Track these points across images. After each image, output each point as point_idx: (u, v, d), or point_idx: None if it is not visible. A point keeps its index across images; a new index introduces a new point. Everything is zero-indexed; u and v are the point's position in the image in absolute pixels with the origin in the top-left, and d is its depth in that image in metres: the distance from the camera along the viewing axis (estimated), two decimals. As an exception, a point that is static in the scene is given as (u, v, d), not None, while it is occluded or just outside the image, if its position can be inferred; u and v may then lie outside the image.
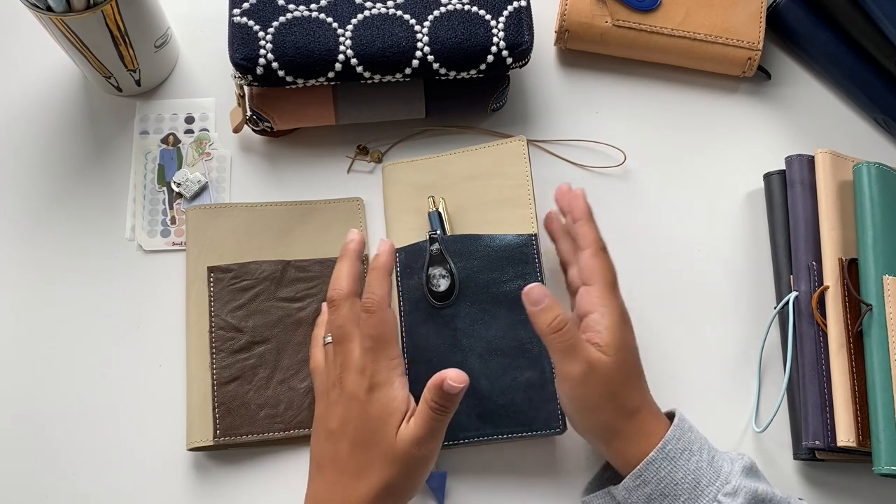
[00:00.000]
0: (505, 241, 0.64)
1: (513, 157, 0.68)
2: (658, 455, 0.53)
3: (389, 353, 0.54)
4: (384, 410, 0.53)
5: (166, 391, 0.65)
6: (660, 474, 0.53)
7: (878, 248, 0.63)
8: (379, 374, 0.53)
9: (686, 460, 0.53)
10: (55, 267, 0.68)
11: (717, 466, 0.54)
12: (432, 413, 0.52)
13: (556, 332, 0.54)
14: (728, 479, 0.53)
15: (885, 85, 0.73)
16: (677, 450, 0.54)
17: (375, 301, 0.55)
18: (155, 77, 0.73)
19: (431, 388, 0.52)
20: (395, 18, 0.66)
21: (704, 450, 0.54)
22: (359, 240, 0.59)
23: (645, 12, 0.73)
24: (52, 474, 0.63)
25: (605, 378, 0.54)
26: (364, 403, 0.53)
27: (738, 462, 0.55)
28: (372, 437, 0.53)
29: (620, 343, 0.55)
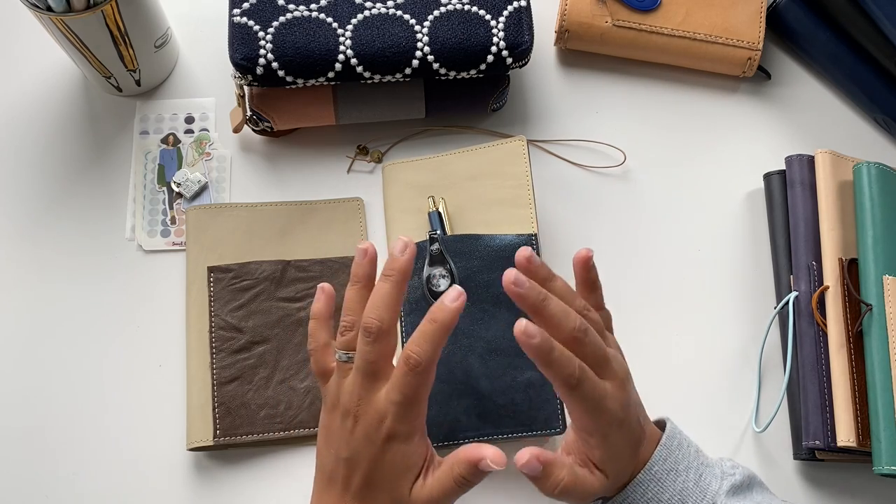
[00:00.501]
0: (505, 241, 0.64)
1: (513, 157, 0.68)
2: (644, 476, 0.52)
3: (418, 412, 0.48)
4: (400, 464, 0.49)
5: (166, 391, 0.65)
6: (646, 496, 0.52)
7: (878, 248, 0.63)
8: (400, 429, 0.48)
9: (672, 481, 0.52)
10: (55, 267, 0.68)
11: (703, 486, 0.52)
12: (455, 486, 0.48)
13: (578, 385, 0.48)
14: (714, 499, 0.52)
15: (885, 85, 0.73)
16: (664, 470, 0.52)
17: (424, 362, 0.47)
18: (155, 77, 0.73)
19: (463, 462, 0.48)
20: (395, 18, 0.66)
21: (692, 469, 0.53)
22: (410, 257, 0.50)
23: (645, 12, 0.73)
24: (52, 474, 0.63)
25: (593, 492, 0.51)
26: (380, 450, 0.49)
27: (727, 479, 0.53)
28: (384, 483, 0.49)
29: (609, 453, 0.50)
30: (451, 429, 0.61)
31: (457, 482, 0.48)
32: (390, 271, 0.50)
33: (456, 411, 0.61)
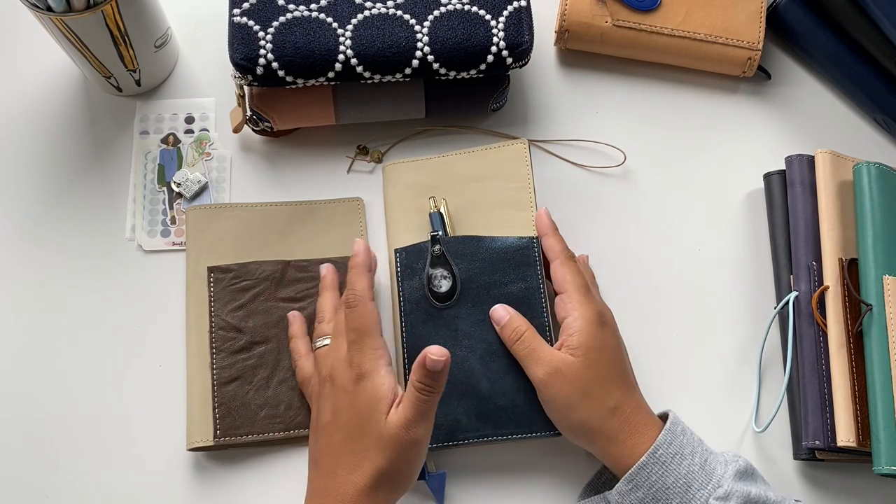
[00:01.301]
0: (507, 243, 0.64)
1: (514, 160, 0.68)
2: (649, 460, 0.54)
3: (373, 343, 0.56)
4: (372, 398, 0.54)
5: (166, 391, 0.65)
6: (651, 479, 0.54)
7: (878, 248, 0.63)
8: (364, 364, 0.55)
9: (678, 464, 0.54)
10: (55, 267, 0.68)
11: (709, 469, 0.54)
12: (419, 394, 0.53)
13: (517, 342, 0.59)
14: (720, 482, 0.53)
15: (885, 85, 0.73)
16: (668, 454, 0.54)
17: (357, 295, 0.57)
18: (155, 77, 0.73)
19: (416, 369, 0.53)
20: (395, 18, 0.66)
21: (697, 453, 0.55)
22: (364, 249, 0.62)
23: (645, 12, 0.73)
24: (52, 474, 0.63)
25: (573, 377, 0.57)
26: (352, 394, 0.55)
27: (731, 465, 0.55)
28: (363, 426, 0.54)
29: (590, 343, 0.57)
30: (451, 430, 0.61)
31: (418, 389, 0.53)
32: (353, 265, 0.60)
33: (456, 412, 0.61)
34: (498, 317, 0.61)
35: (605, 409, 0.56)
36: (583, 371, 0.57)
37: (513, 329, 0.60)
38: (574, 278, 0.60)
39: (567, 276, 0.60)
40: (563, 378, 0.57)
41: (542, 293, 0.63)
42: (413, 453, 0.54)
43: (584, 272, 0.62)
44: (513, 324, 0.60)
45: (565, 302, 0.59)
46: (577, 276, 0.61)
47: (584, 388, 0.57)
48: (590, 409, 0.57)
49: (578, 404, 0.57)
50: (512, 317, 0.61)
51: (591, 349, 0.57)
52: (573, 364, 0.57)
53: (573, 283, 0.60)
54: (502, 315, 0.61)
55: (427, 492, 0.62)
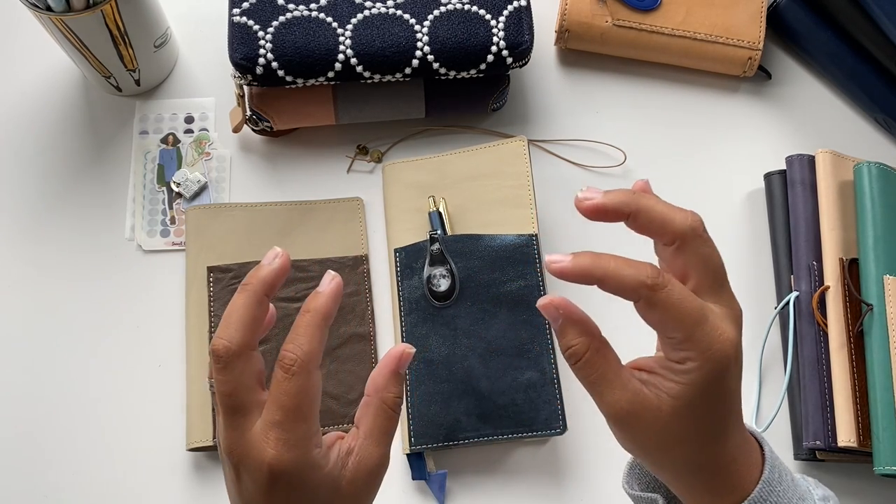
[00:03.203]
0: (506, 241, 0.64)
1: (513, 158, 0.68)
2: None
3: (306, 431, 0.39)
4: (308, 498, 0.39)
5: (166, 391, 0.64)
6: None
7: (878, 247, 0.63)
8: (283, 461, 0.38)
9: None
10: (55, 266, 0.68)
11: None
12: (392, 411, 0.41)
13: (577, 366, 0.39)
14: None
15: (886, 84, 0.73)
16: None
17: (300, 358, 0.39)
18: (154, 77, 0.73)
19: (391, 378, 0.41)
20: (395, 18, 0.66)
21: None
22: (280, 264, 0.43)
23: (645, 12, 0.73)
24: (51, 474, 0.63)
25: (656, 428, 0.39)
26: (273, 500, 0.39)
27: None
28: None
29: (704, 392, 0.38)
30: (451, 429, 0.61)
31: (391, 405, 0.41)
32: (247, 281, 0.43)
33: (456, 412, 0.61)
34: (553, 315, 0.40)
35: (686, 466, 0.40)
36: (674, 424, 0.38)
37: (567, 348, 0.39)
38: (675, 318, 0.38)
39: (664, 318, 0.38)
40: (640, 425, 0.39)
41: (541, 291, 0.63)
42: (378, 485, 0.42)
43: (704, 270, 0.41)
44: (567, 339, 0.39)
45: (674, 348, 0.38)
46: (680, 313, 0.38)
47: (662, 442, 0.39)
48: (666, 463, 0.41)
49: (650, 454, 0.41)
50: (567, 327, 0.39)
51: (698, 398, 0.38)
52: (662, 413, 0.38)
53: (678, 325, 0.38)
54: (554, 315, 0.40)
55: (427, 492, 0.62)
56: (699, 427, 0.39)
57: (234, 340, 0.40)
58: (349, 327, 0.65)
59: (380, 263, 0.68)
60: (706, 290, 0.40)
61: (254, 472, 0.39)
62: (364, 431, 0.41)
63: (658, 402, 0.38)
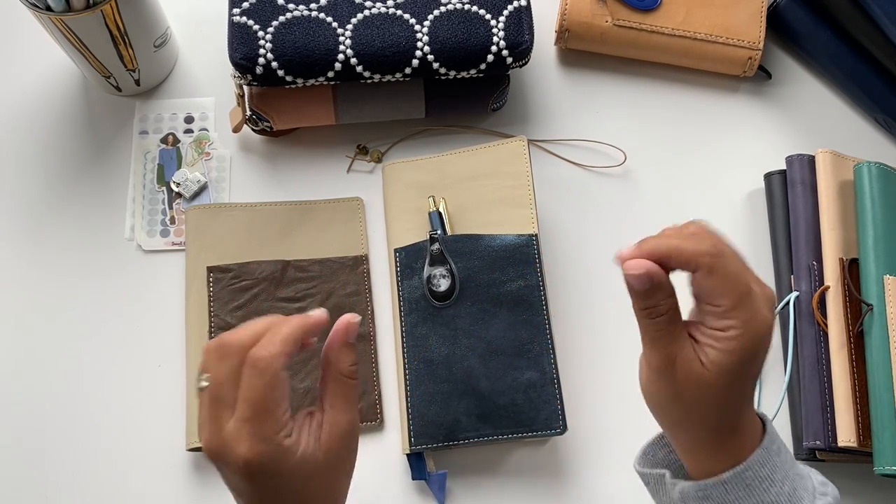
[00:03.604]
0: (506, 241, 0.64)
1: (513, 157, 0.68)
2: (733, 479, 0.45)
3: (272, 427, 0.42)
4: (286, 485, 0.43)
5: (166, 391, 0.64)
6: (727, 496, 0.45)
7: (878, 247, 0.63)
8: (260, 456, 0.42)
9: (764, 491, 0.45)
10: (55, 266, 0.68)
11: (795, 502, 0.45)
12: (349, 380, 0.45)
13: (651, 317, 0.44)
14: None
15: (886, 84, 0.73)
16: (758, 477, 0.45)
17: (266, 357, 0.42)
18: (154, 77, 0.73)
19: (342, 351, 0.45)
20: (395, 18, 0.66)
21: (788, 479, 0.45)
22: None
23: (645, 12, 0.73)
24: (51, 474, 0.63)
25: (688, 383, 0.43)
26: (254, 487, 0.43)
27: (819, 501, 0.46)
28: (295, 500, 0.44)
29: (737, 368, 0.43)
30: (451, 429, 0.61)
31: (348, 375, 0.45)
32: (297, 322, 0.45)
33: (456, 412, 0.61)
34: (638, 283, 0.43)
35: (705, 426, 0.45)
36: (702, 391, 0.43)
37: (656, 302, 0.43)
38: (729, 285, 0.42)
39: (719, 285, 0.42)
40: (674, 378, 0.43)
41: (541, 291, 0.63)
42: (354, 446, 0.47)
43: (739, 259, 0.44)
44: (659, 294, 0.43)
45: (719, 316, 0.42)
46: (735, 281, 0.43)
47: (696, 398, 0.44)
48: (688, 418, 0.45)
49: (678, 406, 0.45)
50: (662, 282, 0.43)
51: (731, 374, 0.43)
52: (696, 380, 0.43)
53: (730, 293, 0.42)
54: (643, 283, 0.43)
55: (427, 491, 0.62)
56: (727, 394, 0.43)
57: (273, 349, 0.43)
58: (349, 327, 0.65)
59: (380, 263, 0.68)
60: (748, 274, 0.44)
61: (232, 465, 0.42)
62: (328, 403, 0.45)
63: (702, 365, 0.43)
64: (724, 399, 0.44)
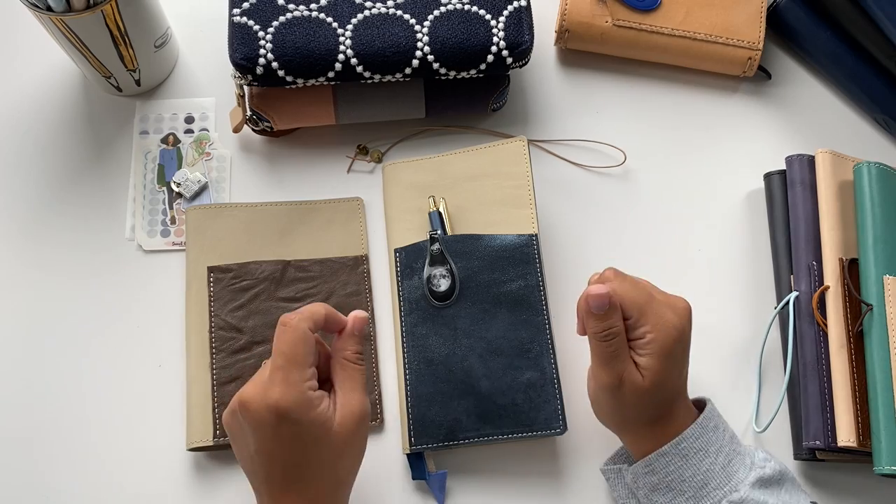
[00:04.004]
0: (506, 241, 0.64)
1: (514, 158, 0.68)
2: (671, 450, 0.54)
3: (299, 375, 0.50)
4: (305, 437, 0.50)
5: (166, 391, 0.64)
6: (668, 468, 0.54)
7: (878, 247, 0.63)
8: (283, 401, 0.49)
9: (699, 460, 0.54)
10: (55, 266, 0.68)
11: (730, 471, 0.54)
12: (356, 365, 0.52)
13: (604, 340, 0.54)
14: (737, 486, 0.53)
15: (886, 84, 0.73)
16: (692, 448, 0.54)
17: (297, 316, 0.51)
18: (155, 77, 0.73)
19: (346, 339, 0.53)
20: (395, 18, 0.66)
21: (723, 452, 0.54)
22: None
23: (645, 12, 0.73)
24: (52, 474, 0.63)
25: (633, 393, 0.54)
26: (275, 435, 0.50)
27: (755, 471, 0.54)
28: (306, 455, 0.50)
29: (662, 366, 0.53)
30: (451, 429, 0.61)
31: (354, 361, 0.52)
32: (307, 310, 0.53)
33: (456, 411, 0.61)
34: (598, 305, 0.53)
35: (646, 420, 0.55)
36: (644, 393, 0.54)
37: (606, 327, 0.53)
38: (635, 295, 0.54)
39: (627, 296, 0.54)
40: (621, 392, 0.54)
41: (541, 291, 0.63)
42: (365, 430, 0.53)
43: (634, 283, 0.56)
44: (612, 321, 0.53)
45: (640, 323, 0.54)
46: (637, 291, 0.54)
47: (637, 403, 0.54)
48: (631, 419, 0.56)
49: (622, 412, 0.55)
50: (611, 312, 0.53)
51: (660, 372, 0.53)
52: (639, 387, 0.53)
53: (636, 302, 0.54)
54: (602, 305, 0.53)
55: (427, 491, 0.62)
56: (660, 392, 0.54)
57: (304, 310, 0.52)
58: (349, 327, 0.65)
59: (380, 263, 0.68)
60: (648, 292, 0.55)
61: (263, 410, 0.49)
62: (338, 385, 0.52)
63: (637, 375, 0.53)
64: (658, 397, 0.54)
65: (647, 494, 0.56)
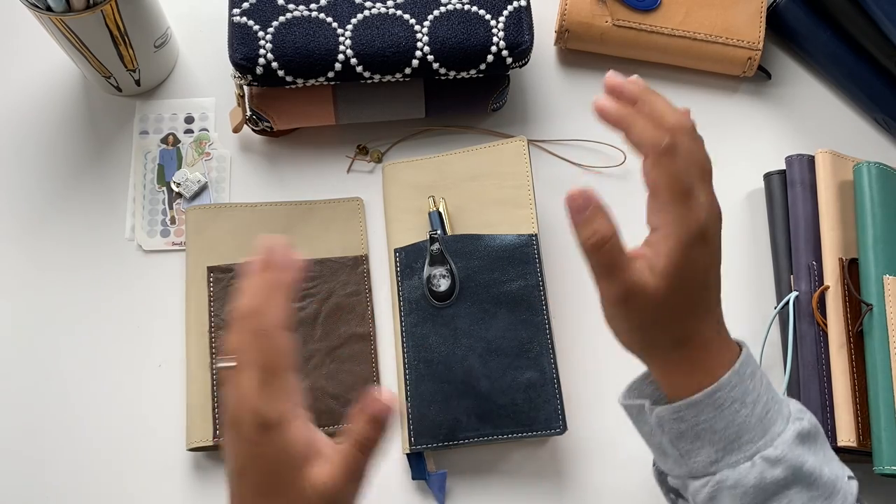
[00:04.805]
0: (505, 241, 0.64)
1: (513, 158, 0.68)
2: (705, 399, 0.47)
3: (282, 385, 0.43)
4: (284, 454, 0.43)
5: (166, 391, 0.65)
6: (699, 417, 0.47)
7: (878, 247, 0.63)
8: (271, 413, 0.42)
9: (734, 412, 0.47)
10: (55, 267, 0.68)
11: (767, 424, 0.47)
12: (359, 452, 0.44)
13: (596, 249, 0.46)
14: (774, 442, 0.47)
15: (885, 84, 0.73)
16: (728, 399, 0.47)
17: (265, 323, 0.43)
18: (155, 77, 0.73)
19: (356, 418, 0.44)
20: (395, 18, 0.66)
21: (760, 402, 0.47)
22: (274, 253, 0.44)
23: (645, 12, 0.73)
24: (52, 474, 0.63)
25: (644, 305, 0.46)
26: (259, 447, 0.43)
27: (794, 424, 0.48)
28: (277, 485, 0.44)
29: (677, 271, 0.46)
30: (451, 429, 0.61)
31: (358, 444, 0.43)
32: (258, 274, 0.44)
33: (456, 411, 0.61)
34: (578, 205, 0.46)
35: (670, 340, 0.48)
36: (658, 301, 0.46)
37: (594, 231, 0.46)
38: (670, 181, 0.46)
39: (661, 179, 0.46)
40: (633, 305, 0.47)
41: (541, 291, 0.63)
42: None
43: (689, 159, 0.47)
44: (596, 224, 0.46)
45: (657, 210, 0.47)
46: (674, 179, 0.46)
47: (654, 317, 0.47)
48: (653, 338, 0.48)
49: (643, 330, 0.48)
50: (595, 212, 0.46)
51: (676, 278, 0.46)
52: (650, 293, 0.46)
53: (668, 189, 0.46)
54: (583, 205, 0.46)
55: (427, 491, 0.62)
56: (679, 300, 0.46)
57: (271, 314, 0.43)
58: (349, 327, 0.65)
59: (380, 263, 0.68)
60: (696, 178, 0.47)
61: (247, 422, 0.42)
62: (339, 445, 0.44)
63: (648, 279, 0.46)
64: (676, 310, 0.47)
65: (672, 440, 0.49)
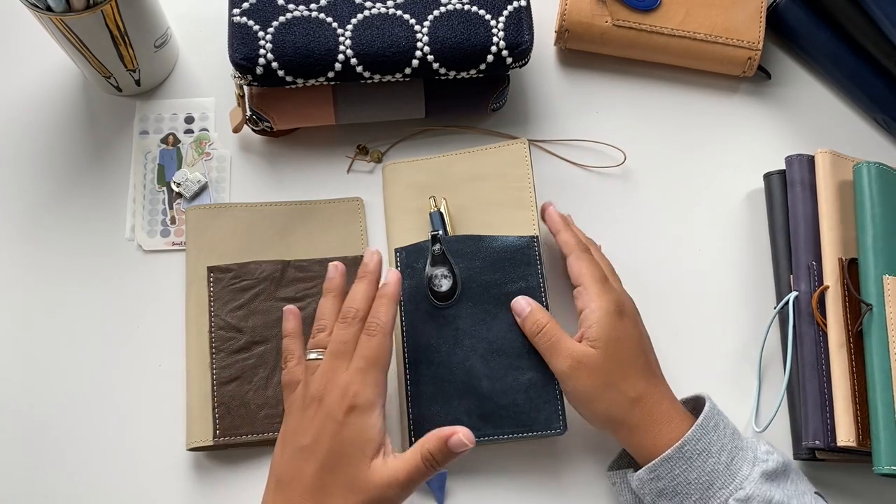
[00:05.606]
0: (507, 242, 0.64)
1: (515, 159, 0.68)
2: (675, 454, 0.54)
3: (378, 378, 0.53)
4: (359, 436, 0.51)
5: (166, 391, 0.65)
6: (673, 472, 0.54)
7: (878, 247, 0.63)
8: (361, 397, 0.52)
9: (703, 461, 0.54)
10: (55, 267, 0.68)
11: (734, 469, 0.54)
12: (422, 465, 0.51)
13: (538, 334, 0.59)
14: (742, 484, 0.53)
15: (885, 84, 0.73)
16: (696, 451, 0.54)
17: (380, 325, 0.55)
18: (155, 77, 0.73)
19: (434, 440, 0.51)
20: (395, 18, 0.66)
21: (725, 450, 0.55)
22: (377, 260, 0.59)
23: (645, 12, 0.73)
24: (52, 474, 0.63)
25: (594, 368, 0.57)
26: (340, 424, 0.52)
27: (759, 466, 0.54)
28: (341, 462, 0.51)
29: (609, 334, 0.57)
30: (451, 429, 0.61)
31: (425, 460, 0.50)
32: (364, 273, 0.58)
33: (457, 412, 0.61)
34: (519, 308, 0.61)
35: (626, 400, 0.56)
36: (603, 362, 0.57)
37: (534, 321, 0.59)
38: (590, 270, 0.60)
39: (583, 269, 0.60)
40: (584, 370, 0.57)
41: (542, 292, 0.63)
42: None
43: (600, 262, 0.63)
44: (534, 316, 0.60)
45: (583, 294, 0.59)
46: (594, 268, 0.60)
47: (606, 380, 0.57)
48: (612, 400, 0.56)
49: (600, 395, 0.57)
50: (533, 309, 0.60)
51: (610, 340, 0.57)
52: (594, 356, 0.57)
53: (590, 275, 0.60)
54: (524, 307, 0.60)
55: (427, 491, 0.62)
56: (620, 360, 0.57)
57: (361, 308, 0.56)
58: (349, 327, 0.65)
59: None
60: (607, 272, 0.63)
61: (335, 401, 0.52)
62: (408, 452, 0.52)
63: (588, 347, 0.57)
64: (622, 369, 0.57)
65: (654, 500, 0.56)
